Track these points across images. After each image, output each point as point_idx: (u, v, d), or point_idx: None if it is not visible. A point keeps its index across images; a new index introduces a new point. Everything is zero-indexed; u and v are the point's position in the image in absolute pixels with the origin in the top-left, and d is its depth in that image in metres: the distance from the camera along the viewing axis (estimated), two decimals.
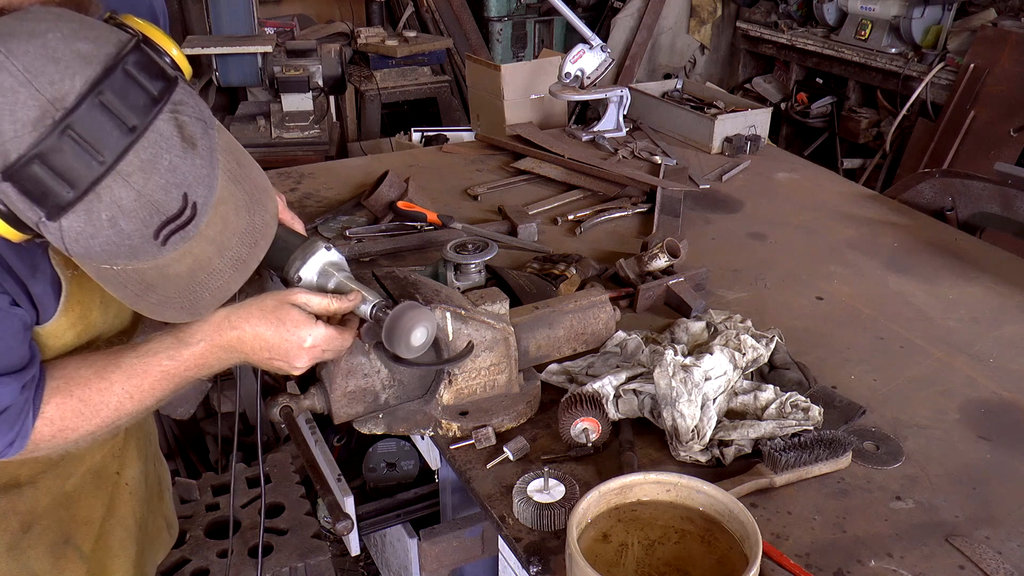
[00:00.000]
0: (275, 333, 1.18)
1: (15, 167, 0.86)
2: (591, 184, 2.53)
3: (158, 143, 0.91)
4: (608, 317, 1.64)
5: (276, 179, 2.59)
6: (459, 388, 1.46)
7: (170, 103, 0.93)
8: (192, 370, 1.19)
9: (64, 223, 0.90)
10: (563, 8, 2.93)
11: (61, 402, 1.13)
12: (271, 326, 1.18)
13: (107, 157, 0.88)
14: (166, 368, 1.17)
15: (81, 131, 0.87)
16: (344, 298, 1.25)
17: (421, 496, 1.82)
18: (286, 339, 1.19)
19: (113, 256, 0.96)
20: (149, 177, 0.91)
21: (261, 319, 1.18)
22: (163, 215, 0.94)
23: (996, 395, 1.62)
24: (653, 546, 1.16)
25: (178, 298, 1.05)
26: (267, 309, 1.19)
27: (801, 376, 1.60)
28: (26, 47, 0.86)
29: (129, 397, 1.16)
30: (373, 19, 5.27)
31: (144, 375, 1.16)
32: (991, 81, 3.94)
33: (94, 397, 1.15)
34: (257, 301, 1.20)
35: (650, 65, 5.63)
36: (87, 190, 0.89)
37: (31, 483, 1.34)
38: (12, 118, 0.85)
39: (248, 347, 1.19)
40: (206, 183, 0.98)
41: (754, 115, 2.92)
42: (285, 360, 1.21)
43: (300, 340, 1.19)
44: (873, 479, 1.39)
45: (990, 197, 2.34)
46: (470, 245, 1.67)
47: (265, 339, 1.19)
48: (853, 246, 2.21)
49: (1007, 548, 1.25)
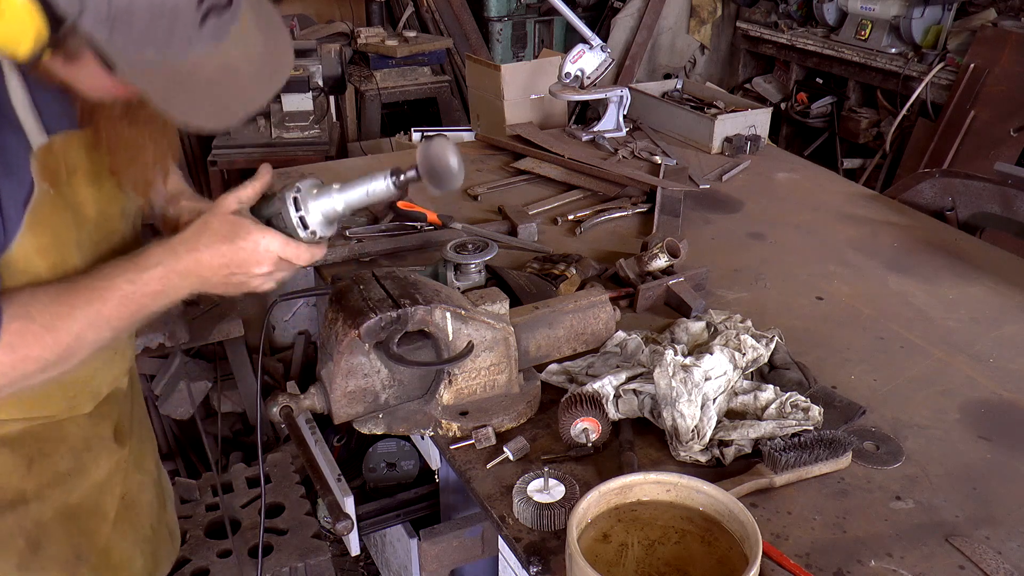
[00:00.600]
0: (230, 246, 1.16)
1: None
2: (591, 184, 2.53)
3: None
4: (608, 317, 1.64)
5: (276, 179, 2.58)
6: (459, 388, 1.46)
7: None
8: (150, 296, 1.15)
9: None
10: (563, 8, 2.93)
11: (21, 327, 1.07)
12: (226, 240, 1.16)
13: None
14: (125, 292, 1.13)
15: None
16: (311, 247, 1.22)
17: (421, 496, 1.82)
18: (241, 247, 1.16)
19: (151, 25, 0.92)
20: None
21: (215, 235, 1.17)
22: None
23: (996, 395, 1.62)
24: (653, 546, 1.16)
25: (207, 102, 1.02)
26: (215, 225, 1.17)
27: (801, 376, 1.60)
28: None
29: (89, 324, 1.12)
30: (373, 19, 5.26)
31: (103, 300, 1.12)
32: (991, 81, 3.94)
33: (55, 323, 1.09)
34: (203, 220, 1.18)
35: (650, 65, 5.63)
36: None
37: (37, 498, 1.32)
38: None
39: (206, 267, 1.17)
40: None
41: (754, 115, 2.92)
42: (243, 271, 1.18)
43: (255, 245, 1.17)
44: (873, 479, 1.39)
45: (990, 197, 2.34)
46: (470, 245, 1.67)
47: (221, 253, 1.16)
48: (853, 246, 2.21)
49: (1007, 548, 1.25)
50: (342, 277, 1.49)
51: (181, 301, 1.21)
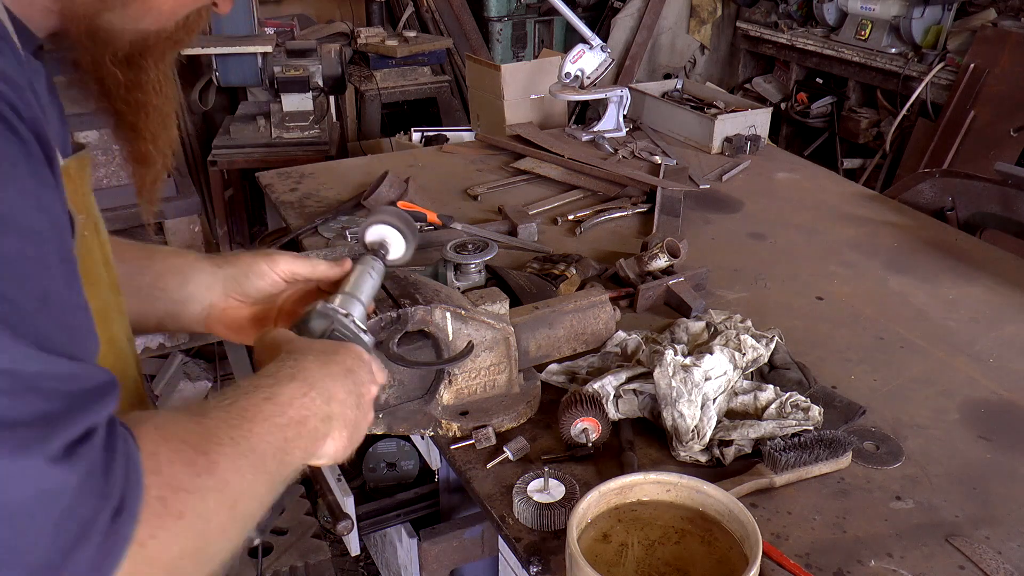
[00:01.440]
0: (358, 410, 0.95)
1: None
2: (591, 184, 2.53)
3: None
4: (608, 317, 1.64)
5: (276, 179, 2.59)
6: (459, 388, 1.46)
7: None
8: (295, 424, 0.84)
9: None
10: (563, 8, 2.93)
11: (169, 449, 0.68)
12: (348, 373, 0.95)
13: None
14: (267, 413, 0.81)
15: None
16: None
17: (421, 496, 1.82)
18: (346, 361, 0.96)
19: None
20: None
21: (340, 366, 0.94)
22: None
23: (996, 395, 1.62)
24: (653, 546, 1.16)
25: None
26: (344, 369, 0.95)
27: (801, 376, 1.60)
28: None
29: (239, 452, 0.75)
30: (373, 19, 5.26)
31: (242, 418, 0.78)
32: (991, 81, 3.94)
33: (202, 443, 0.72)
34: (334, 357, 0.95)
35: (650, 65, 5.63)
36: None
37: None
38: None
39: (338, 402, 0.91)
40: None
41: (754, 115, 2.92)
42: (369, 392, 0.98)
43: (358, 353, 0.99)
44: (873, 479, 1.39)
45: (990, 197, 2.34)
46: (470, 245, 1.67)
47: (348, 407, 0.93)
48: (853, 246, 2.21)
49: (1007, 548, 1.25)
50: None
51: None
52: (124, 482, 0.62)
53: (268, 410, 0.82)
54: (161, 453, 0.67)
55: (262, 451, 0.78)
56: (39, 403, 0.58)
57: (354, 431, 0.95)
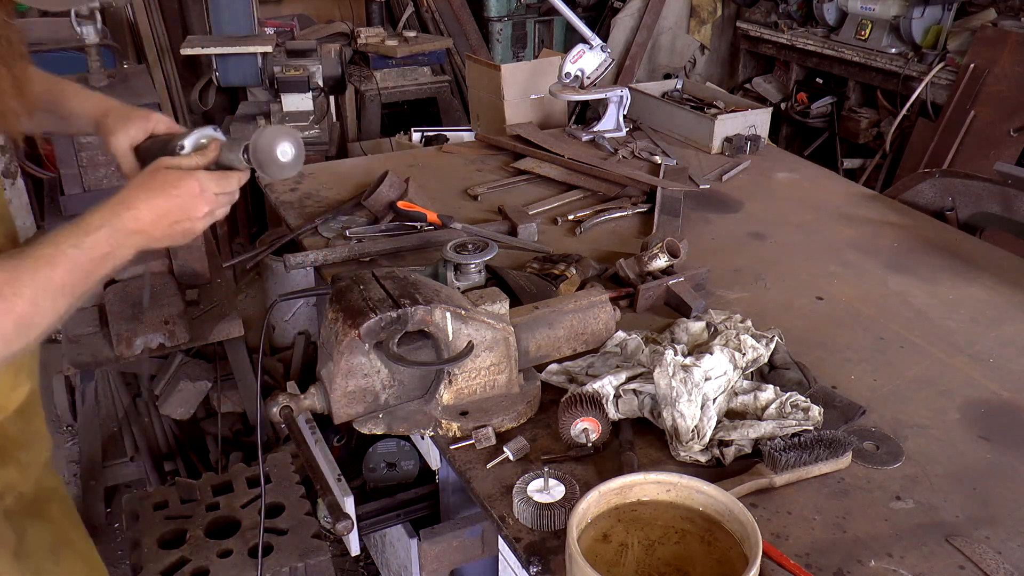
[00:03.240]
0: (164, 196, 1.18)
1: None
2: (591, 184, 2.53)
3: None
4: (608, 317, 1.64)
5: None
6: (459, 388, 1.46)
7: None
8: (100, 260, 1.15)
9: None
10: (563, 8, 2.93)
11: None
12: (158, 191, 1.19)
13: None
14: (72, 257, 1.12)
15: None
16: (206, 150, 1.26)
17: (421, 496, 1.82)
18: (176, 195, 1.19)
19: None
20: None
21: (148, 191, 1.19)
22: None
23: (996, 395, 1.62)
24: (653, 546, 1.16)
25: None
26: (146, 182, 1.20)
27: (801, 376, 1.60)
28: None
29: (42, 290, 1.10)
30: (373, 19, 5.26)
31: (52, 266, 1.11)
32: (991, 81, 3.94)
33: (2, 289, 1.07)
34: (137, 180, 1.21)
35: (650, 65, 5.63)
36: None
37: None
38: None
39: (148, 222, 1.18)
40: None
41: (754, 115, 2.92)
42: (186, 216, 1.20)
43: (190, 190, 1.20)
44: (873, 479, 1.39)
45: (990, 197, 2.34)
46: (470, 245, 1.67)
47: (158, 205, 1.18)
48: (853, 246, 2.21)
49: (1007, 548, 1.25)
50: (342, 277, 1.49)
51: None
52: None
53: (71, 255, 1.12)
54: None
55: (59, 285, 1.11)
56: None
57: (168, 240, 1.22)
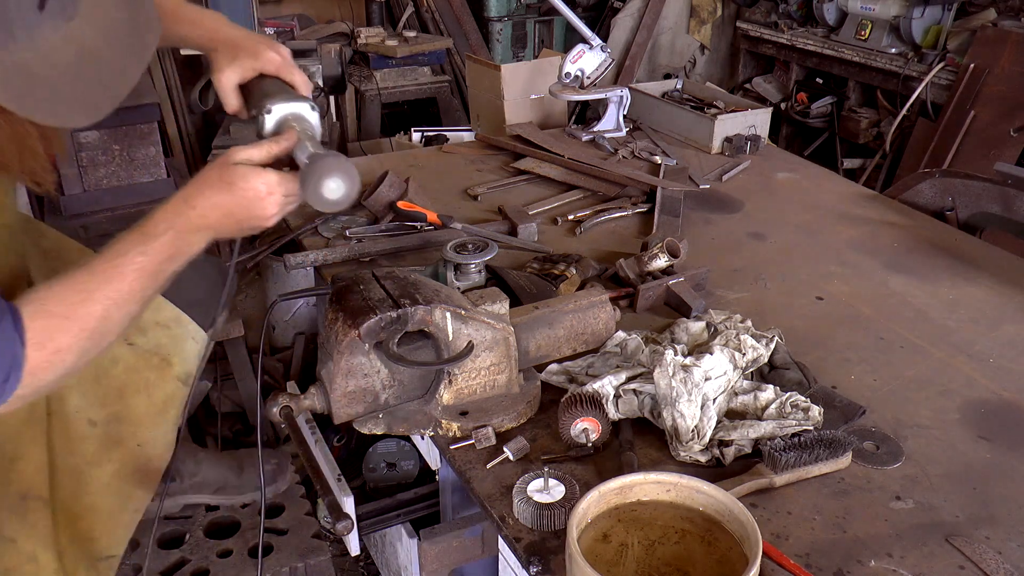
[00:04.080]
0: (230, 196, 1.17)
1: None
2: (591, 184, 2.53)
3: None
4: (608, 317, 1.64)
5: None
6: (459, 388, 1.46)
7: None
8: (167, 261, 1.17)
9: None
10: (563, 8, 2.93)
11: (44, 323, 1.08)
12: (224, 191, 1.17)
13: None
14: (140, 264, 1.14)
15: None
16: (280, 138, 1.23)
17: (421, 496, 1.82)
18: (243, 196, 1.17)
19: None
20: None
21: (213, 189, 1.17)
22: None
23: (996, 395, 1.62)
24: (653, 546, 1.16)
25: (71, 91, 0.96)
26: (214, 178, 1.18)
27: (801, 376, 1.60)
28: None
29: (113, 303, 1.13)
30: (373, 19, 5.26)
31: (121, 277, 1.13)
32: (991, 81, 3.94)
33: (76, 310, 1.10)
34: (201, 175, 1.19)
35: (650, 65, 5.62)
36: None
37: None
38: None
39: (213, 220, 1.18)
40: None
41: (754, 115, 2.92)
42: (252, 216, 1.19)
43: (256, 192, 1.17)
44: (873, 479, 1.39)
45: (990, 197, 2.34)
46: (470, 245, 1.67)
47: (224, 206, 1.17)
48: (853, 246, 2.21)
49: (1007, 548, 1.25)
50: (342, 277, 1.49)
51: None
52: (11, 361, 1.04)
53: (139, 262, 1.14)
54: (51, 328, 1.08)
55: (129, 293, 1.14)
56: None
57: (237, 235, 1.23)
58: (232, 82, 1.37)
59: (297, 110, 1.30)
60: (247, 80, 1.38)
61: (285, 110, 1.29)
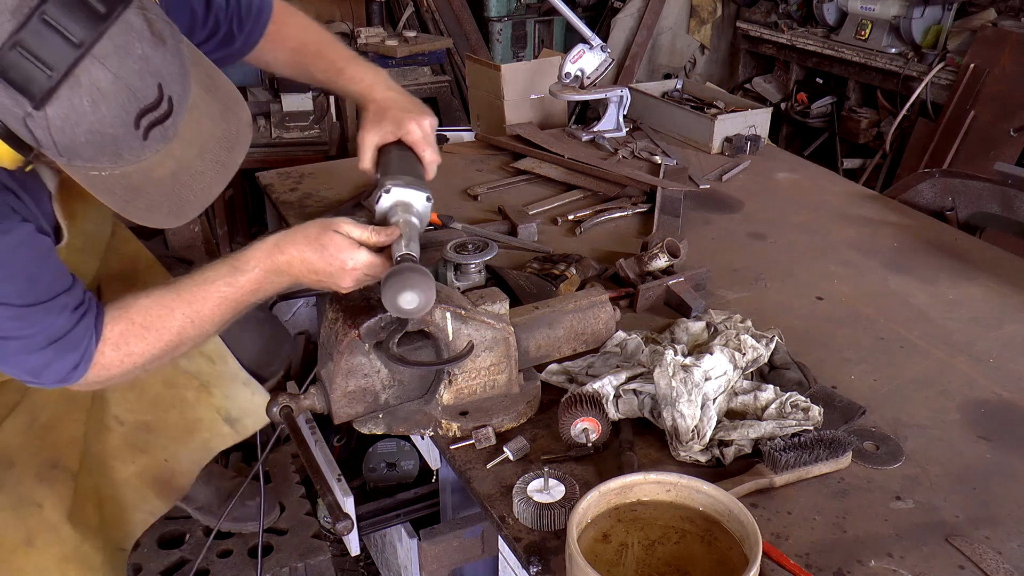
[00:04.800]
0: (319, 257, 1.27)
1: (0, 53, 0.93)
2: (591, 184, 2.53)
3: (129, 31, 0.98)
4: (608, 317, 1.64)
5: (276, 179, 2.59)
6: (459, 388, 1.46)
7: (136, 1, 1.00)
8: (249, 295, 1.29)
9: (49, 111, 0.96)
10: (563, 8, 2.92)
11: (124, 329, 1.23)
12: (315, 251, 1.27)
13: (82, 40, 0.95)
14: (224, 294, 1.27)
15: (56, 16, 0.94)
16: (383, 231, 1.31)
17: (421, 496, 1.82)
18: (329, 263, 1.27)
19: (98, 152, 1.01)
20: (123, 62, 0.98)
21: (306, 244, 1.27)
22: (141, 102, 1.00)
23: (996, 395, 1.62)
24: (653, 546, 1.16)
25: (165, 202, 1.10)
26: (311, 235, 1.28)
27: (801, 376, 1.60)
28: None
29: (190, 322, 1.26)
30: (373, 19, 5.25)
31: (204, 301, 1.26)
32: (991, 81, 3.94)
33: (155, 322, 1.24)
34: (303, 228, 1.30)
35: (650, 65, 5.62)
36: (67, 73, 0.95)
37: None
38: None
39: (297, 270, 1.29)
40: (179, 80, 1.05)
41: (754, 115, 2.91)
42: (332, 281, 1.30)
43: (342, 263, 1.27)
44: (873, 479, 1.39)
45: (990, 197, 2.34)
46: (470, 245, 1.67)
47: (311, 263, 1.28)
48: (853, 246, 2.21)
49: (1007, 548, 1.25)
50: None
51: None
52: (84, 351, 1.20)
53: (223, 292, 1.27)
54: (127, 333, 1.23)
55: (208, 317, 1.27)
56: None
57: (313, 287, 1.32)
58: (372, 142, 1.47)
59: (411, 199, 1.37)
60: (385, 143, 1.46)
61: (400, 195, 1.37)
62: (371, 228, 1.31)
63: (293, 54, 1.57)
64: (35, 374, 1.20)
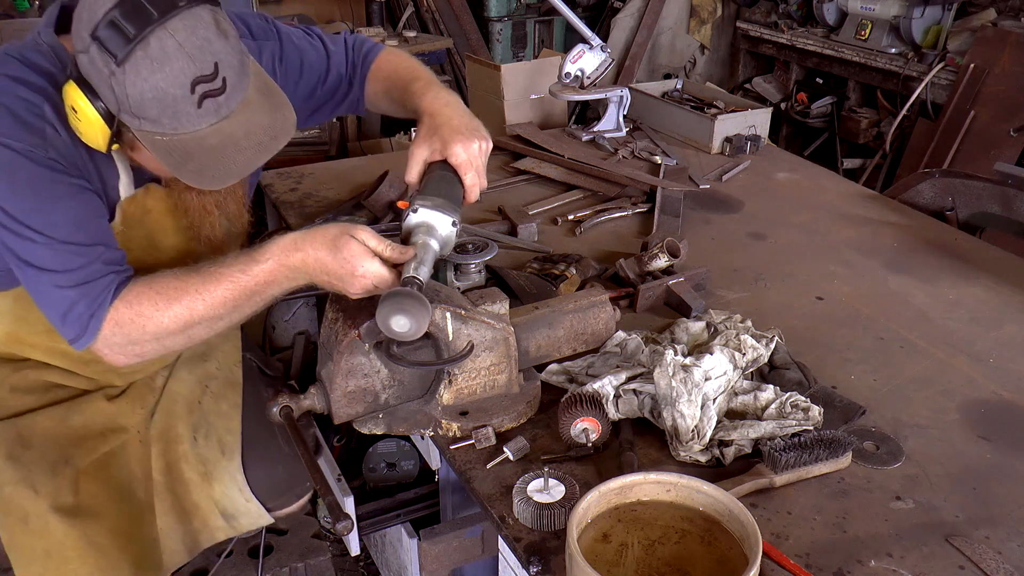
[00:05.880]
0: (333, 259, 1.32)
1: (99, 25, 1.17)
2: (591, 184, 2.53)
3: (198, 19, 1.20)
4: (608, 317, 1.64)
5: (276, 179, 2.59)
6: (459, 388, 1.46)
7: (211, 3, 1.23)
8: (262, 286, 1.36)
9: (127, 67, 1.17)
10: (563, 8, 2.93)
11: (140, 291, 1.34)
12: (331, 252, 1.32)
13: (159, 14, 1.17)
14: (237, 280, 1.35)
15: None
16: (398, 248, 1.35)
17: (421, 496, 1.82)
18: (341, 266, 1.32)
19: (160, 111, 1.20)
20: (188, 37, 1.19)
21: (322, 245, 1.33)
22: (198, 71, 1.19)
23: (996, 395, 1.62)
24: (653, 546, 1.16)
25: (211, 167, 1.27)
26: (329, 237, 1.34)
27: (801, 376, 1.60)
28: None
29: (200, 298, 1.34)
30: (373, 19, 5.26)
31: (217, 283, 1.34)
32: (991, 81, 3.94)
33: (169, 291, 1.34)
34: (323, 228, 1.36)
35: (650, 65, 5.62)
36: (142, 38, 1.17)
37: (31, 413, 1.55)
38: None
39: (311, 268, 1.35)
40: (235, 68, 1.24)
41: (754, 115, 2.92)
42: (342, 283, 1.34)
43: (353, 268, 1.32)
44: (873, 479, 1.39)
45: (990, 197, 2.34)
46: (470, 245, 1.67)
47: (325, 263, 1.33)
48: (853, 246, 2.21)
49: (1007, 548, 1.25)
50: None
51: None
52: (99, 304, 1.32)
53: (236, 277, 1.35)
54: (142, 294, 1.34)
55: (221, 299, 1.35)
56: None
57: (323, 287, 1.38)
58: (420, 157, 1.51)
59: (436, 222, 1.40)
60: (432, 159, 1.50)
61: (426, 217, 1.39)
62: (388, 243, 1.35)
63: (385, 82, 1.71)
64: (63, 318, 1.32)
